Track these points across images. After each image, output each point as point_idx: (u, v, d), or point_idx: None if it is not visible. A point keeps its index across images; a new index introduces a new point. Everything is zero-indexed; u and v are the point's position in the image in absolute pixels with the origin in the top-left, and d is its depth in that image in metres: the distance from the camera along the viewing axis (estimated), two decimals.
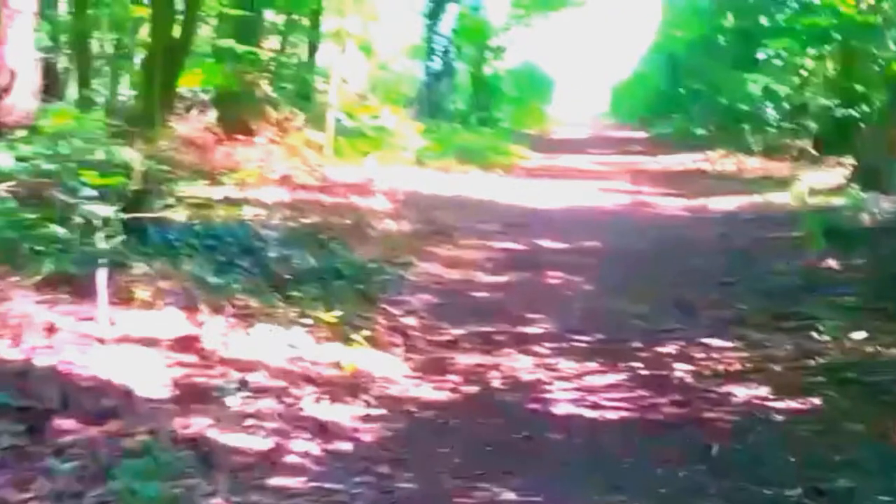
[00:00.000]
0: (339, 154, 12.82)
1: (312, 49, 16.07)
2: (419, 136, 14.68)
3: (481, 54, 24.37)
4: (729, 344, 5.96)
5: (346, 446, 4.33)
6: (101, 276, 5.28)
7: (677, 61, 25.86)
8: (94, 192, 5.26)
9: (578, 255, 8.79)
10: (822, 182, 12.98)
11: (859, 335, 5.96)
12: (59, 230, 5.60)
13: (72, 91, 11.55)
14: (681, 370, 5.44)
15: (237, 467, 4.02)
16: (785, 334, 6.13)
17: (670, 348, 5.89)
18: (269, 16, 15.00)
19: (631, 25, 73.54)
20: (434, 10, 22.88)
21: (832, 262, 7.98)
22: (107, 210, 5.22)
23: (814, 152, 15.36)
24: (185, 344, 5.31)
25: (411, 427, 4.59)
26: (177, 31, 8.27)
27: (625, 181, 14.95)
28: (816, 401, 4.93)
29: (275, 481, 3.92)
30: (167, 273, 6.54)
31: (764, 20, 18.97)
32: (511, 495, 3.86)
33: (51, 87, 9.87)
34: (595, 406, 4.89)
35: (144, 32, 10.31)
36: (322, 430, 4.48)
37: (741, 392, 5.08)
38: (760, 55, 19.56)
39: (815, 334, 6.02)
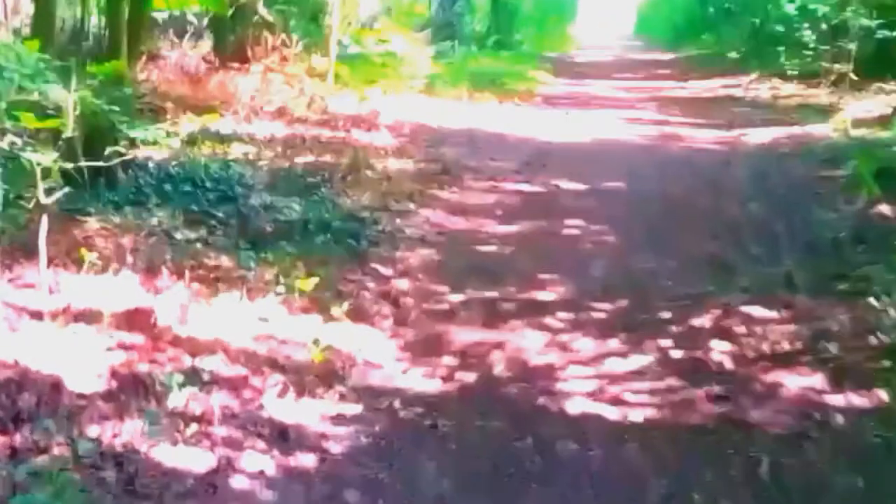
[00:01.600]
0: (341, 83, 11.88)
1: None
2: (430, 62, 13.65)
3: None
4: (773, 314, 5.09)
5: (310, 461, 3.53)
6: (42, 234, 4.48)
7: None
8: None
9: (600, 198, 7.90)
10: (865, 111, 11.96)
11: None
12: None
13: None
14: (719, 350, 4.59)
15: (168, 496, 3.22)
16: (838, 300, 5.26)
17: (705, 319, 5.03)
18: None
19: None
20: None
21: (886, 209, 7.07)
22: (46, 157, 4.37)
23: (854, 77, 14.25)
24: (135, 319, 4.51)
25: (392, 432, 3.78)
26: None
27: (652, 109, 13.94)
28: (884, 395, 4.08)
29: None
30: (128, 227, 5.75)
31: None
32: None
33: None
34: (616, 401, 4.06)
35: None
36: (282, 437, 3.68)
37: (792, 382, 4.24)
38: None
39: (873, 301, 5.14)
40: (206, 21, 13.31)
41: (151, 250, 5.44)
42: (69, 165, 4.47)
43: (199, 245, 5.70)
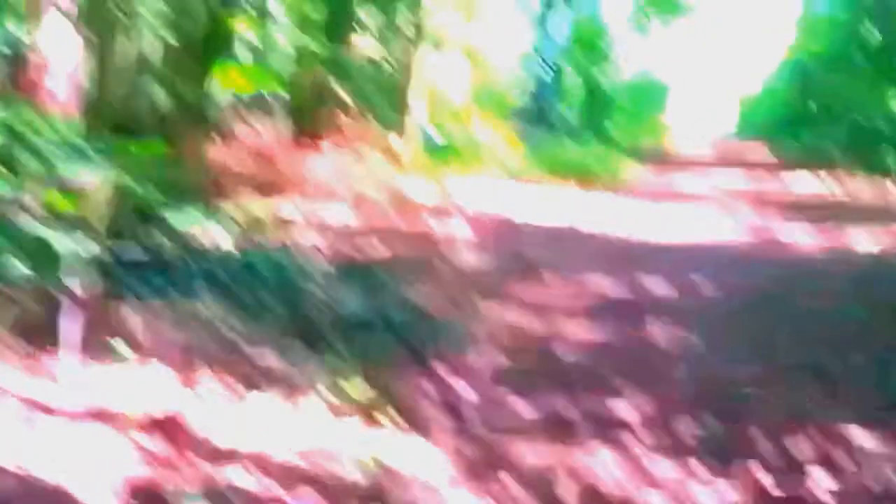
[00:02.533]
0: (421, 170, 11.53)
1: (409, 51, 14.78)
2: (517, 152, 13.24)
3: (596, 63, 22.82)
4: (882, 445, 4.44)
5: None
6: (65, 321, 4.08)
7: (811, 76, 23.89)
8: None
9: (692, 304, 7.30)
10: None
11: None
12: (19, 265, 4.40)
13: None
14: (822, 488, 3.96)
15: None
16: None
17: (804, 444, 4.41)
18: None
19: (763, 36, 70.36)
20: (546, 14, 21.44)
21: None
22: (72, 242, 3.98)
23: None
24: (162, 422, 4.06)
25: None
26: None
27: (750, 209, 13.30)
28: None
29: None
30: (169, 317, 5.31)
31: None
32: None
33: None
34: None
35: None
36: None
37: None
38: None
39: None
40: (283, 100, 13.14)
41: (192, 343, 5.00)
42: (94, 249, 4.10)
43: (246, 340, 5.25)
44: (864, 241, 10.49)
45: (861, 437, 4.52)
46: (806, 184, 16.60)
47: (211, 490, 3.56)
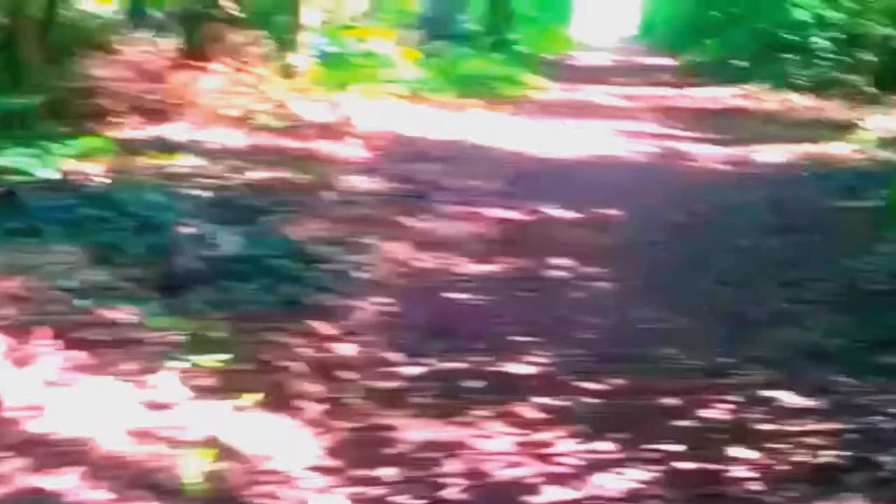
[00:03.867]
0: (314, 87, 10.84)
1: None
2: (415, 64, 12.54)
3: None
4: (807, 402, 4.02)
5: None
6: None
7: None
8: None
9: (596, 231, 6.83)
10: (889, 128, 10.90)
11: None
12: None
13: None
14: (740, 466, 3.50)
15: None
16: (890, 382, 4.20)
17: (721, 411, 3.96)
18: None
19: None
20: None
21: None
22: None
23: (872, 90, 13.19)
24: None
25: None
26: None
27: (654, 121, 12.88)
28: None
29: None
30: (7, 269, 4.66)
31: None
32: None
33: None
34: None
35: None
36: None
37: None
38: None
39: None
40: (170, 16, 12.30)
41: (32, 301, 4.37)
42: None
43: (94, 293, 4.62)
44: (770, 152, 10.13)
45: (779, 395, 4.10)
46: (709, 93, 16.19)
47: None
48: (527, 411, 3.89)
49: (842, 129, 11.08)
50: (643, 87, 17.41)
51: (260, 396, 3.74)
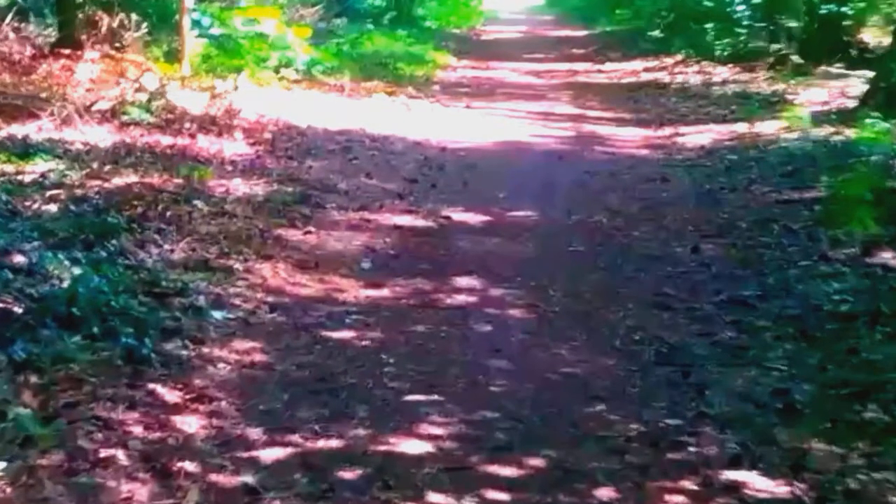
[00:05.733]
0: (198, 74, 9.77)
1: None
2: (308, 45, 11.45)
3: None
4: (780, 486, 3.17)
5: None
6: None
7: None
8: None
9: (506, 239, 5.94)
10: (819, 102, 10.17)
11: None
12: None
13: None
14: None
15: None
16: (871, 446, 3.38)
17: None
18: None
19: None
20: None
21: (892, 258, 5.23)
22: None
23: (798, 59, 12.41)
24: None
25: None
26: None
27: (567, 100, 11.99)
28: None
29: None
30: None
31: None
32: None
33: None
34: None
35: None
36: None
37: None
38: None
39: None
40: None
41: None
42: None
43: None
44: (693, 133, 9.34)
45: (740, 478, 3.25)
46: (623, 67, 15.34)
47: None
48: None
49: (770, 104, 10.29)
50: (553, 62, 16.46)
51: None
